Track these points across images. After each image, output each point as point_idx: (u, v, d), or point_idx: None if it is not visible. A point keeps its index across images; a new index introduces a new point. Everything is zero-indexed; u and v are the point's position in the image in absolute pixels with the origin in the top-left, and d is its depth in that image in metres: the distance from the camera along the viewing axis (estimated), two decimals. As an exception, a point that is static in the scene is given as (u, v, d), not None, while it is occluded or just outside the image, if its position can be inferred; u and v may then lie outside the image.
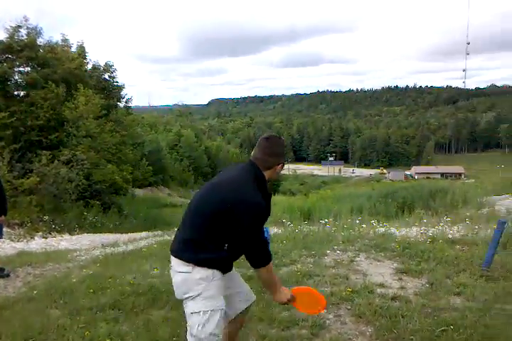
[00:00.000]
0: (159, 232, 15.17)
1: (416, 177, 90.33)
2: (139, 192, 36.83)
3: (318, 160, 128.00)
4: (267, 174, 2.15)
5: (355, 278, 4.06)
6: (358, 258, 4.72)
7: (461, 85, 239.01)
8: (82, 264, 6.19)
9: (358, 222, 6.91)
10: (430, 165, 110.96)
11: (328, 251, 5.03)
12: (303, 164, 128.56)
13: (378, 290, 3.68)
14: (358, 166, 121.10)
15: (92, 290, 4.18)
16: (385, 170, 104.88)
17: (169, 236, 11.46)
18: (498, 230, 3.99)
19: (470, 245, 5.06)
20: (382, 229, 6.84)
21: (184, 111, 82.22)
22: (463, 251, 4.82)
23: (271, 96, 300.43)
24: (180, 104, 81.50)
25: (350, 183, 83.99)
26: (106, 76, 23.85)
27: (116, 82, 24.36)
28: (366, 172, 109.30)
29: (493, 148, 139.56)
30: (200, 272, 2.05)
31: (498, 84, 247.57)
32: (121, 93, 25.04)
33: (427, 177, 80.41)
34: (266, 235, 3.86)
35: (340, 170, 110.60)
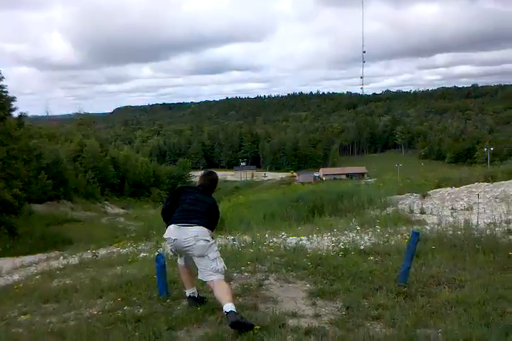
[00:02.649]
0: (56, 253, 13.66)
1: (324, 178, 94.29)
2: (37, 207, 33.70)
3: (231, 165, 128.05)
4: None
5: (264, 307, 3.53)
6: (267, 281, 4.21)
7: (359, 91, 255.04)
8: None
9: (267, 235, 6.44)
10: (336, 166, 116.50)
11: (235, 274, 4.46)
12: (215, 170, 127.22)
13: (290, 322, 3.18)
14: (270, 170, 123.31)
15: None
16: (295, 173, 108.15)
17: (65, 259, 10.20)
18: (413, 242, 3.71)
19: (383, 255, 4.81)
20: (294, 240, 6.47)
21: (86, 120, 77.50)
22: (376, 263, 4.54)
23: (180, 104, 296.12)
24: (81, 112, 76.55)
25: (263, 187, 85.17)
26: (-10, 85, 21.21)
27: (4, 91, 21.78)
28: (278, 175, 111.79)
29: (390, 148, 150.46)
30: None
31: (393, 90, 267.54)
32: (12, 105, 22.48)
33: (334, 179, 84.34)
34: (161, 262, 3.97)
35: (252, 174, 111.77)
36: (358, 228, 6.65)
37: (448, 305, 3.32)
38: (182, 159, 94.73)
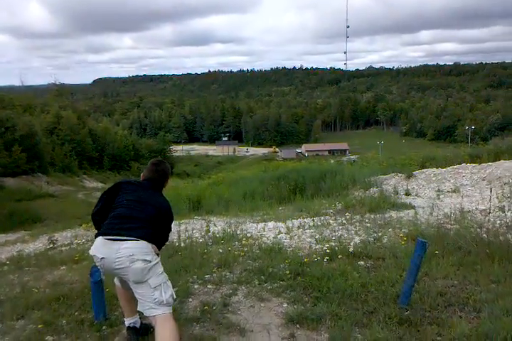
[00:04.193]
0: (20, 234, 12.75)
1: (306, 154, 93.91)
2: (10, 182, 32.34)
3: (213, 140, 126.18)
4: None
5: (227, 341, 2.72)
6: (235, 298, 3.37)
7: (343, 67, 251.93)
8: None
9: (242, 225, 5.62)
10: (318, 142, 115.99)
11: (196, 286, 3.62)
12: (197, 144, 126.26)
13: (260, 368, 2.38)
14: (252, 145, 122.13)
15: None
16: (277, 149, 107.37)
17: (22, 244, 9.33)
18: (418, 256, 2.91)
19: (375, 260, 4.02)
20: (272, 234, 5.66)
21: (64, 91, 74.54)
22: (369, 271, 3.75)
23: (161, 76, 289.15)
24: (57, 82, 73.29)
25: (245, 163, 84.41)
26: None
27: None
28: (260, 151, 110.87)
29: (372, 125, 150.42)
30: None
31: (376, 66, 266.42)
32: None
33: (317, 155, 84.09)
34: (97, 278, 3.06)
35: (234, 149, 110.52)
36: (344, 221, 5.84)
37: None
38: (162, 133, 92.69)
